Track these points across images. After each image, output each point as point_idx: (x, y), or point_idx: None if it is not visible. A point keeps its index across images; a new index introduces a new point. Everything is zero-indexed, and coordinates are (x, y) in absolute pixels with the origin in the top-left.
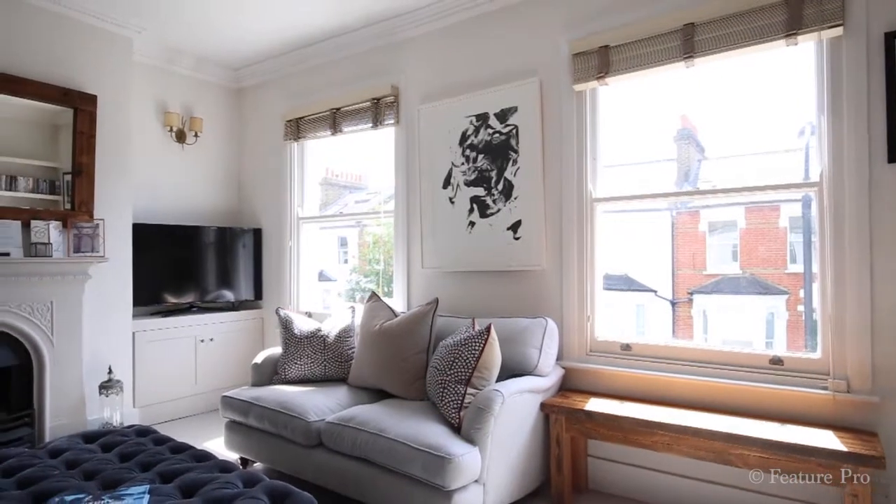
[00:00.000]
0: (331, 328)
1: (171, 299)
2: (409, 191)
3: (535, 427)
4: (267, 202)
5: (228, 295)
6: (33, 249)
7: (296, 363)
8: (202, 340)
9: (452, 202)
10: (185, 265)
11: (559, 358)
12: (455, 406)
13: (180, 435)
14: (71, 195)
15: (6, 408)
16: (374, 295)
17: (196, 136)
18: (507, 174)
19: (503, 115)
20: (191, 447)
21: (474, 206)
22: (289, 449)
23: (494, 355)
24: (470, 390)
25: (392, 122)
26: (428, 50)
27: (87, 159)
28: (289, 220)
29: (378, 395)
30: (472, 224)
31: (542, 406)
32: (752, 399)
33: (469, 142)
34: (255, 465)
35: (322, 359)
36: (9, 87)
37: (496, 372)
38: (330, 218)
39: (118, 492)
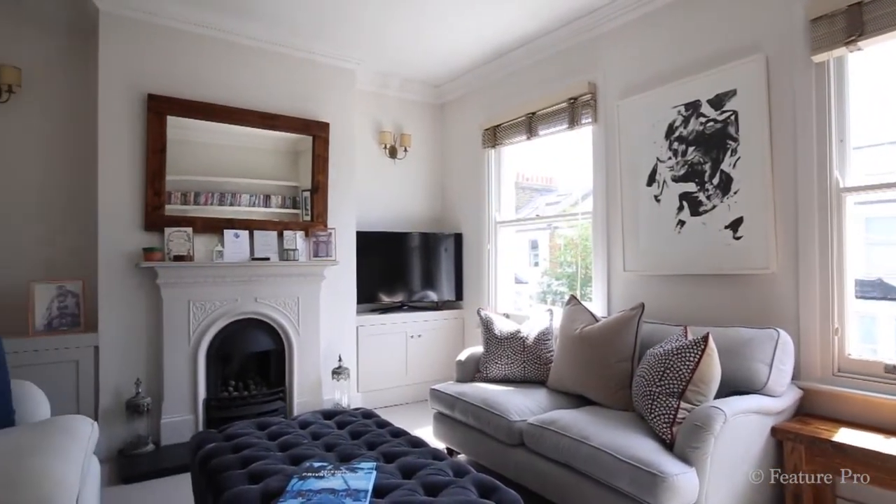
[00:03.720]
0: (529, 330)
1: (385, 298)
2: (609, 190)
3: (763, 454)
4: (466, 208)
5: (432, 295)
6: (286, 255)
7: (496, 363)
8: (411, 336)
9: (658, 200)
10: (396, 268)
11: (794, 377)
12: (666, 421)
13: (394, 420)
14: (310, 209)
15: (267, 384)
16: (573, 298)
17: (405, 150)
18: (725, 166)
19: (718, 101)
20: (406, 433)
21: (684, 203)
22: (491, 445)
23: (713, 368)
24: (684, 405)
25: (589, 120)
26: (627, 42)
27: (322, 178)
28: (487, 225)
29: (578, 400)
30: (681, 223)
31: (774, 431)
32: None
33: (677, 134)
34: (459, 455)
35: (521, 360)
36: (268, 123)
37: (715, 387)
38: (524, 221)
39: (351, 465)
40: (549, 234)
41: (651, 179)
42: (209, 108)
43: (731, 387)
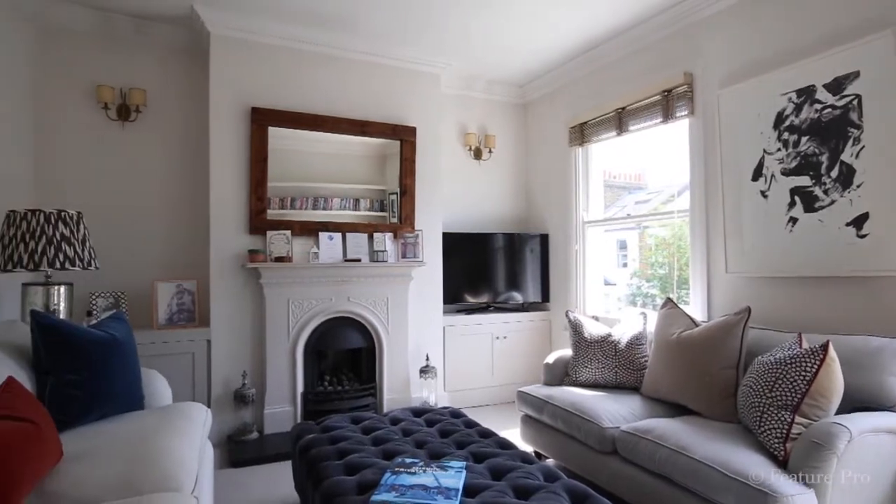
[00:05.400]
0: (621, 334)
1: (470, 299)
2: (708, 186)
3: None
4: (553, 208)
5: (517, 297)
6: (375, 256)
7: (586, 367)
8: (497, 337)
9: (765, 196)
10: (481, 269)
11: None
12: (778, 436)
13: (481, 421)
14: (397, 211)
15: (359, 380)
16: (669, 301)
17: (490, 151)
18: (845, 157)
19: (837, 85)
20: (494, 434)
21: (796, 198)
22: (581, 451)
23: (834, 380)
24: (799, 419)
25: (685, 113)
26: (727, 27)
27: (409, 181)
28: (574, 225)
29: (675, 409)
30: (792, 220)
31: None
32: None
33: (787, 123)
34: (547, 460)
35: (613, 364)
36: (358, 130)
37: (836, 401)
38: (614, 220)
39: (441, 462)
40: (639, 234)
41: (757, 174)
42: (305, 118)
43: (855, 402)
